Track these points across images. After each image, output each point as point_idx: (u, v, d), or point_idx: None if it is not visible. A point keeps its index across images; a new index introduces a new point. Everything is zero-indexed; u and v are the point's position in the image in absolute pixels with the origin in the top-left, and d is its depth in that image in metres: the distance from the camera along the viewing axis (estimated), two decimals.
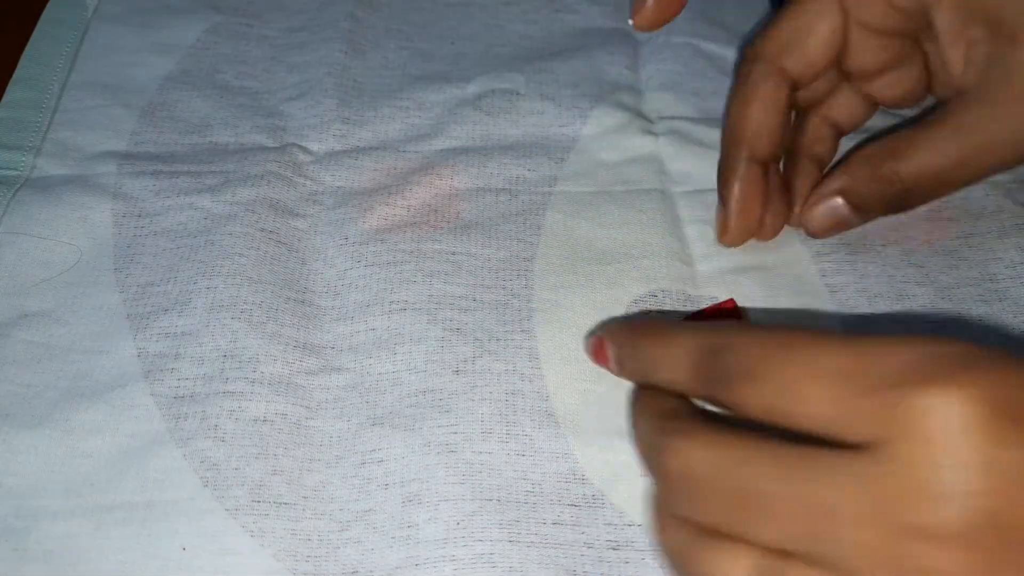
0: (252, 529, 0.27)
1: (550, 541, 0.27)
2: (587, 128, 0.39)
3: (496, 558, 0.27)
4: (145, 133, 0.38)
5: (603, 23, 0.44)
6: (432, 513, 0.28)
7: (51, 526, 0.27)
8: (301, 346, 0.32)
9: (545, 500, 0.28)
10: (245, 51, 0.42)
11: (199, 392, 0.30)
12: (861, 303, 0.33)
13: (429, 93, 0.40)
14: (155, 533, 0.27)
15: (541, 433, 0.30)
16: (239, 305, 0.32)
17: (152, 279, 0.33)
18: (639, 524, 0.28)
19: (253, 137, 0.38)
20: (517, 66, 0.42)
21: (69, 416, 0.29)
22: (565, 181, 0.37)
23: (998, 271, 0.34)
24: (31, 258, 0.33)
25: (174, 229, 0.35)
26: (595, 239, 0.35)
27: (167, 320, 0.32)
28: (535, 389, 0.31)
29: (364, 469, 0.29)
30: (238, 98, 0.40)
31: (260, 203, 0.35)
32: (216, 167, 0.37)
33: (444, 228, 0.35)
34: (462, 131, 0.39)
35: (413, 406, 0.30)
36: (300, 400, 0.30)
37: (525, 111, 0.40)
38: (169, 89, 0.40)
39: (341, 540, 0.27)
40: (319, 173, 0.37)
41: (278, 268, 0.34)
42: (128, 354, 0.31)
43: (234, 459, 0.28)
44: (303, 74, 0.41)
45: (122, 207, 0.35)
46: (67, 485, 0.28)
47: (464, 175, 0.37)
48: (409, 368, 0.31)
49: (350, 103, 0.40)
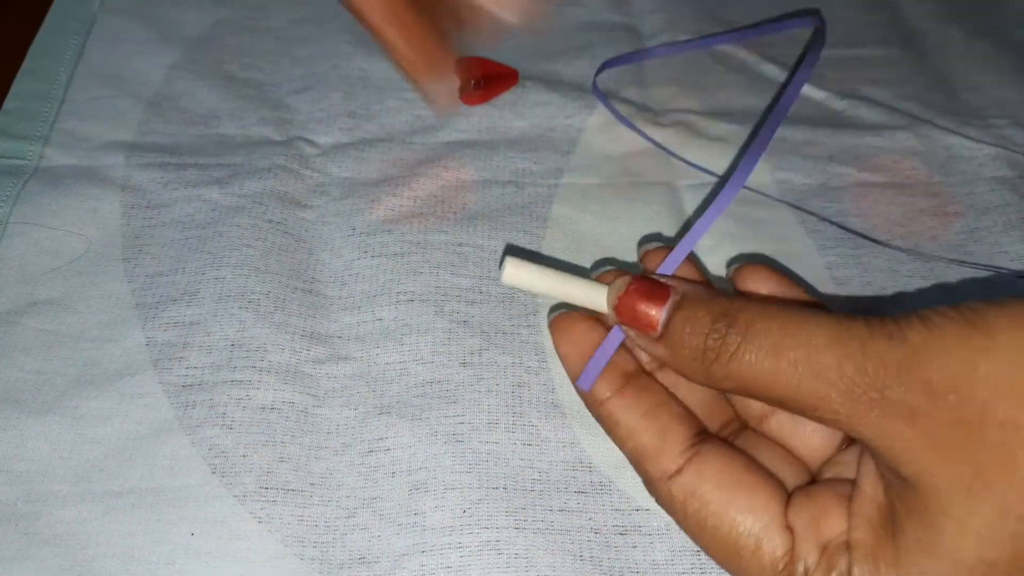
0: (260, 515, 0.27)
1: (557, 527, 0.27)
2: (593, 119, 0.39)
3: (502, 545, 0.27)
4: (152, 124, 0.38)
5: (608, 16, 0.45)
6: (439, 501, 0.28)
7: (60, 511, 0.27)
8: (308, 335, 0.32)
9: (552, 487, 0.28)
10: (250, 43, 0.42)
11: (207, 380, 0.30)
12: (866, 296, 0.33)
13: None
14: (164, 518, 0.27)
15: (547, 423, 0.30)
16: (247, 295, 0.32)
17: (160, 269, 0.33)
18: (646, 509, 0.28)
19: (259, 130, 0.39)
20: (522, 59, 0.42)
21: (78, 403, 0.29)
22: (571, 173, 0.38)
23: (1004, 265, 0.34)
24: (40, 247, 0.34)
25: (182, 220, 0.35)
26: (601, 232, 0.36)
27: (175, 310, 0.32)
28: (541, 381, 0.31)
29: (371, 457, 0.29)
30: (244, 89, 0.40)
31: (267, 195, 0.36)
32: (223, 160, 0.37)
33: (451, 219, 0.36)
34: (468, 123, 0.39)
35: (420, 396, 0.30)
36: (307, 388, 0.30)
37: (531, 103, 0.40)
38: (175, 80, 0.40)
39: (348, 527, 0.28)
40: (326, 165, 0.37)
41: (285, 258, 0.34)
42: (137, 343, 0.31)
43: (242, 446, 0.29)
44: (309, 67, 0.41)
45: (131, 198, 0.35)
46: (76, 471, 0.28)
47: (470, 167, 0.37)
48: (416, 359, 0.31)
49: (356, 96, 0.40)
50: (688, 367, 0.24)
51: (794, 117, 0.40)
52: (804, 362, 0.22)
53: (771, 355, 0.22)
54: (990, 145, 0.39)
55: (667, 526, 0.28)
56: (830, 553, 0.22)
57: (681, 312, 0.24)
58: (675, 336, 0.24)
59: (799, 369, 0.22)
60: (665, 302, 0.24)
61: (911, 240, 0.35)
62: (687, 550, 0.27)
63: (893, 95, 0.41)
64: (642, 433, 0.25)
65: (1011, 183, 0.37)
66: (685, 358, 0.24)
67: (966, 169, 0.38)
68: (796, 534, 0.23)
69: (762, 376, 0.22)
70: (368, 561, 0.27)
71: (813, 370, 0.21)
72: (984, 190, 0.37)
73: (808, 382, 0.22)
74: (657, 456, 0.25)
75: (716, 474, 0.24)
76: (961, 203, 0.37)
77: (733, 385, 0.23)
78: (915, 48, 0.44)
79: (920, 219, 0.36)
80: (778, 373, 0.22)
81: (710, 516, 0.24)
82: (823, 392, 0.21)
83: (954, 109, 0.41)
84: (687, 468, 0.25)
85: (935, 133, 0.39)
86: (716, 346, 0.23)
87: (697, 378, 0.24)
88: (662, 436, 0.25)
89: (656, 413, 0.26)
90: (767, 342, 0.22)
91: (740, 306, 0.23)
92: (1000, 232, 0.35)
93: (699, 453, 0.25)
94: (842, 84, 0.42)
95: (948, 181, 0.38)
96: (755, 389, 0.23)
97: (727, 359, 0.23)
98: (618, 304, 0.25)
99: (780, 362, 0.22)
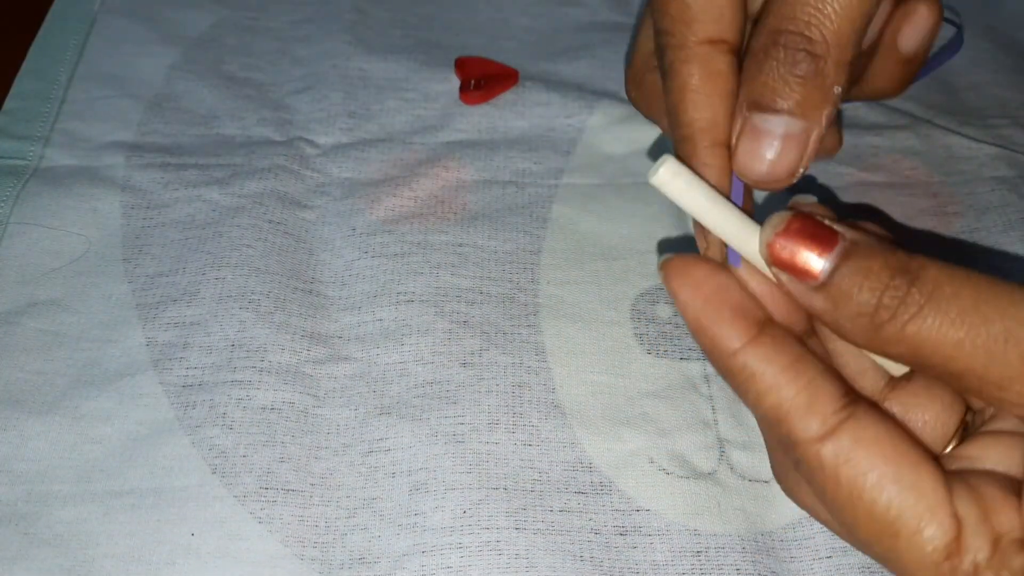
0: (260, 515, 0.27)
1: (557, 528, 0.27)
2: (593, 119, 0.39)
3: (503, 545, 0.27)
4: (152, 124, 0.38)
5: (607, 16, 0.45)
6: (439, 501, 0.28)
7: (61, 511, 0.27)
8: (309, 335, 0.32)
9: (552, 488, 0.28)
10: (251, 44, 0.42)
11: (207, 381, 0.30)
12: None
13: (435, 85, 0.41)
14: (164, 519, 0.27)
15: (548, 423, 0.30)
16: (247, 295, 0.32)
17: (161, 269, 0.33)
18: (647, 510, 0.28)
19: (260, 130, 0.39)
20: (522, 59, 0.42)
21: (79, 403, 0.30)
22: (571, 174, 0.38)
23: (1003, 265, 0.34)
24: (41, 248, 0.34)
25: (182, 220, 0.35)
26: (601, 233, 0.36)
27: (176, 310, 0.32)
28: (541, 382, 0.31)
29: (371, 457, 0.29)
30: (244, 89, 0.40)
31: (268, 195, 0.36)
32: (224, 160, 0.37)
33: (451, 220, 0.36)
34: (468, 123, 0.39)
35: (420, 396, 0.30)
36: (307, 389, 0.30)
37: (531, 103, 0.40)
38: (175, 80, 0.40)
39: (348, 527, 0.28)
40: (326, 165, 0.37)
41: (286, 259, 0.34)
42: (137, 343, 0.31)
43: (242, 447, 0.29)
44: (309, 67, 0.41)
45: (131, 199, 0.36)
46: (77, 471, 0.28)
47: (470, 167, 0.38)
48: (416, 359, 0.31)
49: (356, 96, 0.40)
50: (852, 324, 0.21)
51: None
52: (1000, 337, 0.19)
53: (959, 323, 0.20)
54: (990, 145, 0.39)
55: (667, 526, 0.28)
56: (1003, 549, 0.20)
57: (852, 262, 0.21)
58: (842, 287, 0.21)
59: (992, 343, 0.20)
60: (833, 247, 0.21)
61: (910, 239, 0.35)
62: (687, 551, 0.27)
63: None
64: (785, 388, 0.22)
65: (1011, 183, 0.37)
66: (851, 314, 0.21)
67: (966, 169, 0.38)
68: (963, 523, 0.21)
69: (944, 346, 0.20)
70: (368, 561, 0.27)
71: (1008, 347, 0.19)
72: (984, 190, 0.37)
73: (999, 359, 0.20)
74: (807, 414, 0.22)
75: (876, 441, 0.21)
76: (961, 203, 0.37)
77: (903, 351, 0.21)
78: None
79: (920, 219, 0.36)
80: (964, 345, 0.20)
81: (868, 488, 0.21)
82: (1016, 372, 0.19)
83: (954, 109, 0.41)
84: (842, 430, 0.21)
85: (935, 133, 0.39)
86: (893, 304, 0.20)
87: (859, 338, 0.21)
88: (811, 392, 0.22)
89: (800, 367, 0.22)
90: (956, 307, 0.20)
91: (923, 263, 0.21)
92: (1000, 232, 0.35)
93: (853, 416, 0.22)
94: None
95: (948, 181, 0.38)
96: (931, 359, 0.20)
97: (905, 321, 0.20)
98: (774, 243, 0.22)
99: (970, 333, 0.20)
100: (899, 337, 0.20)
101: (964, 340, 0.20)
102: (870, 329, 0.21)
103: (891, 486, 0.21)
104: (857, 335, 0.21)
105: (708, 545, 0.27)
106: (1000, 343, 0.20)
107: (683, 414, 0.30)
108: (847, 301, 0.21)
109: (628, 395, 0.31)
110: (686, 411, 0.30)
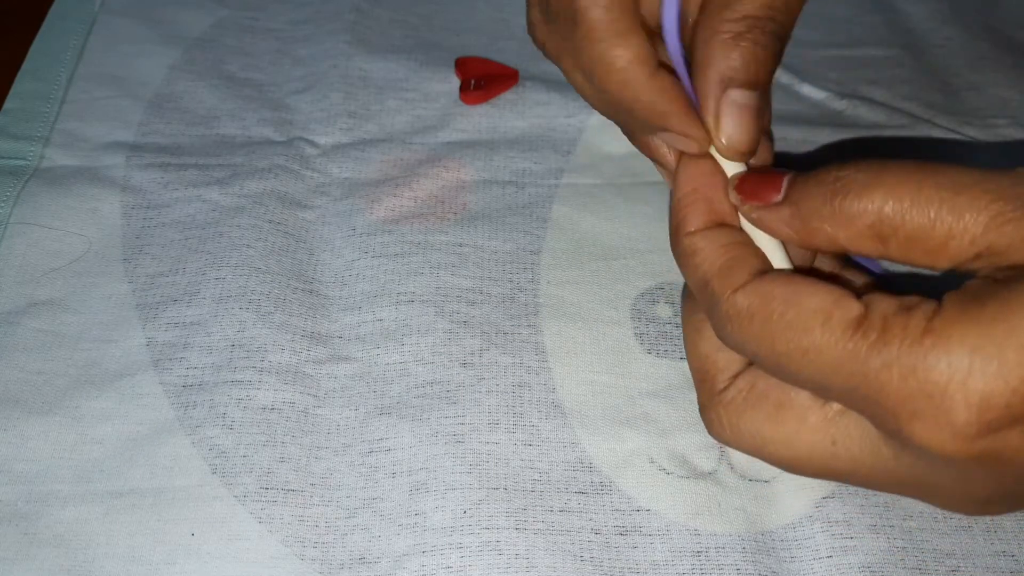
0: (260, 515, 0.27)
1: (557, 528, 0.27)
2: (593, 119, 0.39)
3: (503, 545, 0.27)
4: (152, 124, 0.38)
5: None
6: (439, 501, 0.28)
7: (61, 511, 0.27)
8: (309, 335, 0.32)
9: (552, 488, 0.28)
10: (250, 44, 0.42)
11: (207, 381, 0.30)
12: None
13: (435, 85, 0.41)
14: (164, 519, 0.27)
15: (548, 423, 0.30)
16: (247, 295, 0.32)
17: (161, 269, 0.33)
18: (647, 509, 0.28)
19: (260, 130, 0.39)
20: (522, 59, 0.42)
21: (79, 403, 0.30)
22: (571, 174, 0.38)
23: None
24: (41, 248, 0.34)
25: (182, 221, 0.35)
26: (601, 233, 0.36)
27: (176, 310, 0.32)
28: (542, 382, 0.31)
29: (371, 457, 0.29)
30: (244, 89, 0.40)
31: (268, 195, 0.36)
32: (224, 160, 0.37)
33: (451, 220, 0.36)
34: (468, 123, 0.39)
35: (420, 396, 0.30)
36: (308, 389, 0.30)
37: (531, 103, 0.40)
38: (175, 80, 0.40)
39: (348, 527, 0.28)
40: (326, 165, 0.37)
41: (286, 259, 0.34)
42: (137, 343, 0.31)
43: (242, 447, 0.29)
44: (309, 67, 0.41)
45: (131, 199, 0.36)
46: (77, 471, 0.28)
47: (471, 167, 0.38)
48: (416, 359, 0.31)
49: (356, 96, 0.40)
50: (817, 214, 0.23)
51: (794, 117, 0.40)
52: (949, 186, 0.21)
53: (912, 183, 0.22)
54: (990, 145, 0.39)
55: (667, 526, 0.28)
56: (909, 303, 0.22)
57: (802, 176, 0.24)
58: (800, 189, 0.24)
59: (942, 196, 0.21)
60: (783, 176, 0.25)
61: None
62: (687, 550, 0.27)
63: (893, 95, 0.41)
64: (714, 258, 0.25)
65: None
66: (814, 205, 0.23)
67: None
68: (870, 300, 0.22)
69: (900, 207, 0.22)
70: (368, 561, 0.27)
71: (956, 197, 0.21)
72: None
73: (947, 210, 0.21)
74: (727, 275, 0.24)
75: (786, 280, 0.24)
76: None
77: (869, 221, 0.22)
78: (915, 48, 0.44)
79: None
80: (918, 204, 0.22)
81: (776, 306, 0.23)
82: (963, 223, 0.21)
83: (954, 109, 0.41)
84: (753, 282, 0.24)
85: (935, 133, 0.39)
86: (847, 176, 0.23)
87: (827, 226, 0.23)
88: (733, 260, 0.25)
89: (732, 247, 0.25)
90: (905, 170, 0.22)
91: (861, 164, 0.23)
92: None
93: (767, 275, 0.24)
94: (842, 84, 0.42)
95: None
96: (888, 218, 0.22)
97: (860, 188, 0.22)
98: (738, 184, 0.26)
99: (923, 189, 0.22)
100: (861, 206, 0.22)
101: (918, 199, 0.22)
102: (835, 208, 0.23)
103: (797, 296, 0.23)
104: (825, 221, 0.23)
105: (708, 545, 0.27)
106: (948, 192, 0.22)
107: (683, 414, 0.30)
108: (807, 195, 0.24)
109: (628, 395, 0.31)
110: (686, 411, 0.30)
